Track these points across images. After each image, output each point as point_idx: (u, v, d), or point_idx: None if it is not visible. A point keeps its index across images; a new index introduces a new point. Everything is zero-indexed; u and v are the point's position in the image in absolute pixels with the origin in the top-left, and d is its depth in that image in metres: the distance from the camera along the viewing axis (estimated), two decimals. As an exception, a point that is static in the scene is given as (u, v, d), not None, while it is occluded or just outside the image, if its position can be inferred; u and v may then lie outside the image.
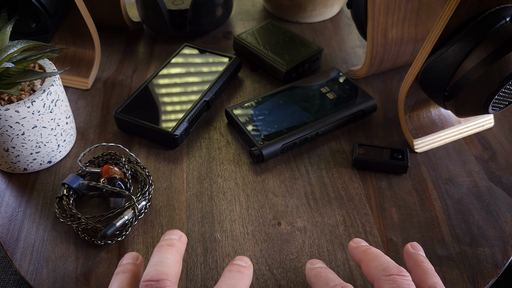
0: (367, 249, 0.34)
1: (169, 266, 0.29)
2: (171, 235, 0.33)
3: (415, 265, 0.33)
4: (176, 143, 0.49)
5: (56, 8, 0.51)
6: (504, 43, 0.39)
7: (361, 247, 0.34)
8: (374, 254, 0.33)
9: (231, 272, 0.31)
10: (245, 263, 0.32)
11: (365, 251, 0.34)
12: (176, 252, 0.31)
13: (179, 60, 0.57)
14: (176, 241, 0.32)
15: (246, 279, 0.31)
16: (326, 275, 0.32)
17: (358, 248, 0.35)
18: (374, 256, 0.33)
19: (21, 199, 0.45)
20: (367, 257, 0.33)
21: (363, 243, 0.35)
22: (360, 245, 0.35)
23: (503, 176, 0.47)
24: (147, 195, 0.44)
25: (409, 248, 0.35)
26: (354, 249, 0.35)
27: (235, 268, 0.31)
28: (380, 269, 0.31)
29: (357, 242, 0.36)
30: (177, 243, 0.32)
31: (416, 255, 0.34)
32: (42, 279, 0.38)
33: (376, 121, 0.53)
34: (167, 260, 0.30)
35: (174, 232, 0.33)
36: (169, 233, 0.33)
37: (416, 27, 0.53)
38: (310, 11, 0.68)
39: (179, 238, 0.33)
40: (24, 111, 0.41)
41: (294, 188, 0.46)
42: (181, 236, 0.33)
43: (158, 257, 0.30)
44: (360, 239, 0.36)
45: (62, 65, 0.58)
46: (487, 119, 0.52)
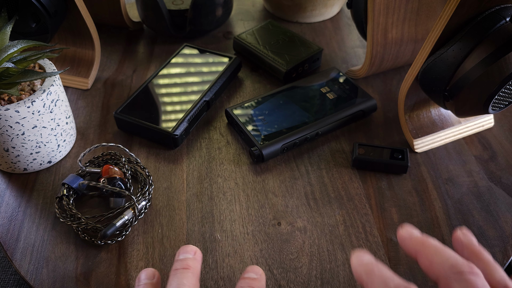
0: (425, 240, 0.29)
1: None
2: (185, 253, 0.32)
3: (473, 256, 0.29)
4: (176, 143, 0.49)
5: (56, 8, 0.51)
6: (504, 43, 0.39)
7: (417, 238, 0.30)
8: (435, 247, 0.28)
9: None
10: (256, 274, 0.31)
11: (423, 243, 0.29)
12: (193, 275, 0.30)
13: (179, 60, 0.57)
14: (191, 261, 0.31)
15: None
16: (381, 272, 0.28)
17: (412, 238, 0.30)
18: (436, 249, 0.28)
19: (21, 199, 0.45)
20: (428, 250, 0.28)
21: (415, 233, 0.30)
22: (414, 234, 0.30)
23: (503, 176, 0.47)
24: (147, 195, 0.44)
25: (461, 237, 0.30)
26: (407, 240, 0.30)
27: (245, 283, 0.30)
28: (447, 265, 0.27)
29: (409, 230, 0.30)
30: (192, 264, 0.31)
31: (472, 245, 0.30)
32: (42, 279, 0.38)
33: (376, 121, 0.53)
34: (183, 287, 0.29)
35: (188, 249, 0.32)
36: (183, 251, 0.32)
37: (416, 27, 0.53)
38: (310, 11, 0.68)
39: (193, 255, 0.32)
40: (24, 111, 0.41)
41: (294, 188, 0.46)
42: (196, 252, 0.32)
43: (175, 284, 0.29)
44: (409, 226, 0.31)
45: (62, 65, 0.58)
46: (487, 119, 0.52)
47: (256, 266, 0.32)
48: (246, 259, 0.40)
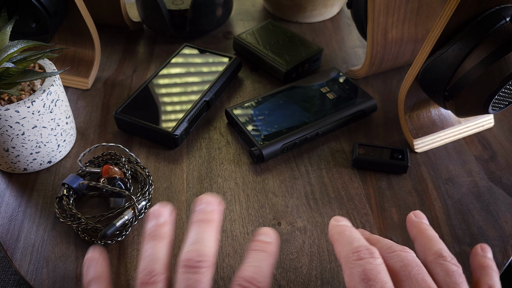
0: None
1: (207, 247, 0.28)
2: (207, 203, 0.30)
3: (419, 233, 0.32)
4: (176, 143, 0.49)
5: (56, 8, 0.51)
6: (504, 43, 0.39)
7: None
8: (347, 235, 0.30)
9: (255, 252, 0.29)
10: (269, 237, 0.30)
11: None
12: (213, 229, 0.29)
13: (179, 60, 0.57)
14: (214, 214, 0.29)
15: (271, 258, 0.29)
16: (351, 233, 0.30)
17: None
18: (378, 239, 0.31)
19: (21, 199, 0.45)
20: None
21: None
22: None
23: (503, 176, 0.47)
24: (147, 195, 0.44)
25: (412, 217, 0.33)
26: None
27: (258, 246, 0.29)
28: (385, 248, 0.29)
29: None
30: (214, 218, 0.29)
31: (419, 223, 0.33)
32: (42, 279, 0.38)
33: (376, 121, 0.53)
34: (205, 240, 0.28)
35: (210, 201, 0.30)
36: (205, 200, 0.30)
37: (416, 27, 0.53)
38: (310, 11, 0.68)
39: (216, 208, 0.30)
40: (24, 111, 0.41)
41: (294, 188, 0.46)
42: (219, 204, 0.30)
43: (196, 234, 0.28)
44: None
45: (62, 65, 0.58)
46: (487, 119, 0.52)
47: (268, 228, 0.30)
48: (246, 259, 0.40)
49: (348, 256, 0.28)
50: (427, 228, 0.32)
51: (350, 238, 0.29)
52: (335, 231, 0.31)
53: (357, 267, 0.27)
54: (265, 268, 0.28)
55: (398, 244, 0.30)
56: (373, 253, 0.28)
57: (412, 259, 0.28)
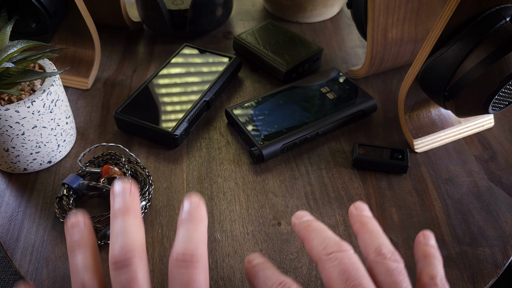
0: (308, 225, 0.30)
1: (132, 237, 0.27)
2: (123, 195, 0.28)
3: (360, 228, 0.30)
4: (176, 143, 0.49)
5: (56, 8, 0.51)
6: (504, 43, 0.39)
7: (303, 223, 0.31)
8: (316, 230, 0.30)
9: (183, 225, 0.28)
10: (194, 204, 0.29)
11: (306, 228, 0.30)
12: (134, 218, 0.28)
13: (179, 60, 0.57)
14: (130, 202, 0.28)
15: (200, 225, 0.28)
16: (263, 272, 0.29)
17: (300, 224, 0.31)
18: (316, 233, 0.29)
19: (21, 199, 0.45)
20: (309, 234, 0.30)
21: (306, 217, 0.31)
22: (302, 220, 0.31)
23: (503, 176, 0.47)
24: (147, 195, 0.44)
25: (353, 211, 0.32)
26: (296, 226, 0.31)
27: (185, 217, 0.29)
28: (321, 248, 0.28)
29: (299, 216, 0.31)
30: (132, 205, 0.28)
31: (360, 216, 0.31)
32: (42, 279, 0.38)
33: (376, 121, 0.53)
34: (128, 232, 0.27)
35: (125, 189, 0.28)
36: (119, 188, 0.28)
37: (416, 27, 0.53)
38: (310, 11, 0.68)
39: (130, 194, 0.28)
40: (24, 111, 0.41)
41: (294, 188, 0.46)
42: (131, 189, 0.29)
43: (118, 228, 0.27)
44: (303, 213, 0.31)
45: (62, 65, 0.58)
46: (487, 119, 0.52)
47: (194, 196, 0.29)
48: (246, 259, 0.40)
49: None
50: (367, 222, 0.30)
51: (264, 277, 0.29)
52: (250, 275, 0.30)
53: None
54: (195, 237, 0.27)
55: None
56: (285, 284, 0.28)
57: (349, 261, 0.27)
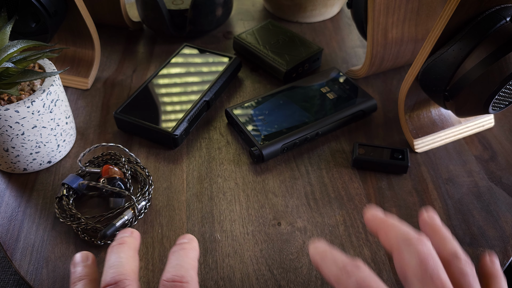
0: (385, 219, 0.32)
1: (124, 265, 0.29)
2: (122, 233, 0.32)
3: (433, 232, 0.32)
4: (176, 143, 0.49)
5: (56, 8, 0.51)
6: (504, 43, 0.39)
7: (379, 217, 0.33)
8: (393, 223, 0.32)
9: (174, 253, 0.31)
10: (187, 240, 0.32)
11: (383, 221, 0.32)
12: (129, 248, 0.31)
13: (179, 60, 0.57)
14: (127, 237, 0.32)
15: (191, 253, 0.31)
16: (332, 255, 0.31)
17: (375, 218, 0.33)
18: (393, 225, 0.31)
19: (21, 199, 0.45)
20: (386, 226, 0.32)
21: (379, 213, 0.33)
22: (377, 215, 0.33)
23: (503, 176, 0.47)
24: (147, 195, 0.44)
25: (425, 216, 0.34)
26: (371, 220, 0.33)
27: (176, 248, 0.31)
28: (400, 237, 0.30)
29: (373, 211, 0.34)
30: (127, 239, 0.31)
31: (432, 222, 0.33)
32: (42, 279, 0.38)
33: (376, 121, 0.53)
34: (121, 260, 0.29)
35: (125, 231, 0.32)
36: (120, 233, 0.32)
37: (416, 27, 0.53)
38: (310, 11, 0.68)
39: (130, 234, 0.32)
40: (24, 111, 0.41)
41: (294, 188, 0.46)
42: (132, 232, 0.32)
43: (112, 258, 0.30)
44: (375, 208, 0.34)
45: (62, 65, 0.58)
46: (487, 119, 0.52)
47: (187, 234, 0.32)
48: (246, 259, 0.40)
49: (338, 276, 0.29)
50: (441, 228, 0.33)
51: (334, 259, 0.31)
52: (318, 258, 0.32)
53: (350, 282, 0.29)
54: (185, 262, 0.30)
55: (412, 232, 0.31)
56: (359, 266, 0.29)
57: (429, 252, 0.29)
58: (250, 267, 0.39)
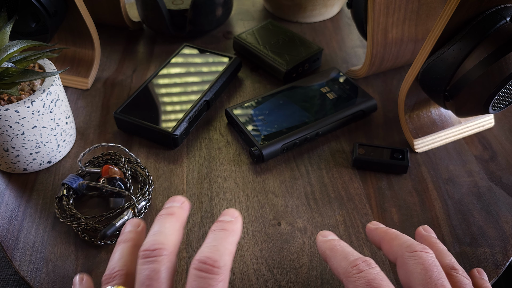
0: (388, 229, 0.33)
1: (166, 235, 0.28)
2: (172, 202, 0.31)
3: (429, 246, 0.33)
4: (176, 143, 0.49)
5: (56, 8, 0.51)
6: (504, 43, 0.39)
7: (381, 228, 0.34)
8: (396, 233, 0.33)
9: (214, 232, 0.29)
10: (230, 217, 0.30)
11: (386, 232, 0.33)
12: (176, 221, 0.30)
13: (179, 60, 0.57)
14: (177, 208, 0.31)
15: (230, 236, 0.29)
16: (342, 248, 0.31)
17: (377, 229, 0.34)
18: (396, 235, 0.32)
19: (21, 199, 0.45)
20: (389, 236, 0.32)
21: (381, 225, 0.35)
22: (379, 226, 0.34)
23: (503, 176, 0.47)
24: (147, 195, 0.44)
25: (422, 231, 0.36)
26: (373, 231, 0.34)
27: (218, 226, 0.29)
28: (404, 246, 0.31)
29: (375, 224, 0.35)
30: (177, 211, 0.31)
31: (429, 237, 0.35)
32: (42, 279, 0.38)
33: (376, 121, 0.53)
34: (165, 230, 0.29)
35: (176, 199, 0.31)
36: (171, 200, 0.31)
37: (416, 27, 0.53)
38: (310, 11, 0.68)
39: (180, 204, 0.31)
40: (24, 111, 0.41)
41: (294, 188, 0.46)
42: (183, 202, 0.31)
43: (157, 227, 0.29)
44: (377, 222, 0.36)
45: (62, 65, 0.58)
46: (487, 119, 0.52)
47: (231, 209, 0.31)
48: (246, 259, 0.40)
49: (348, 271, 0.29)
50: (436, 242, 0.34)
51: (344, 252, 0.30)
52: (325, 247, 0.32)
53: (360, 279, 0.28)
54: (222, 246, 0.28)
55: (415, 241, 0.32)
56: (370, 264, 0.29)
57: (433, 261, 0.29)
58: (250, 267, 0.40)
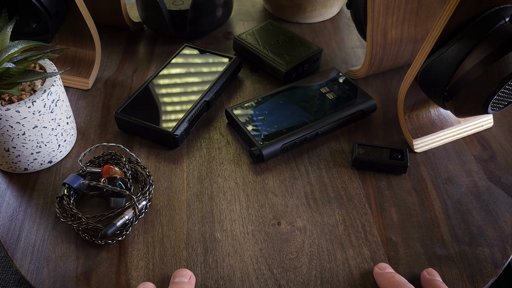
0: (392, 277, 0.35)
1: None
2: (180, 276, 0.35)
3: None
4: (177, 143, 0.49)
5: (57, 9, 0.51)
6: (503, 43, 0.39)
7: (386, 275, 0.36)
8: (398, 283, 0.35)
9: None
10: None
11: (389, 281, 0.35)
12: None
13: (179, 60, 0.57)
14: (186, 285, 0.34)
15: None
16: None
17: (383, 275, 0.36)
18: (398, 285, 0.35)
19: (22, 199, 0.45)
20: (392, 286, 0.35)
21: (388, 269, 0.37)
22: (386, 271, 0.37)
23: (503, 176, 0.47)
24: (148, 195, 0.44)
25: (426, 275, 0.38)
26: (379, 276, 0.37)
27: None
28: None
29: (382, 268, 0.37)
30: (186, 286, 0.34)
31: (433, 281, 0.36)
32: (43, 278, 0.39)
33: (376, 121, 0.53)
34: None
35: (183, 273, 0.35)
36: (179, 274, 0.35)
37: (416, 27, 0.54)
38: (310, 11, 0.68)
39: (188, 280, 0.35)
40: (24, 111, 0.41)
41: (294, 188, 0.46)
42: (190, 277, 0.35)
43: None
44: (385, 265, 0.38)
45: (62, 65, 0.58)
46: (486, 119, 0.52)
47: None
48: (246, 259, 0.40)
49: None
50: (441, 286, 0.36)
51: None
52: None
53: None
54: None
55: None
56: None
57: None
58: (250, 266, 0.40)
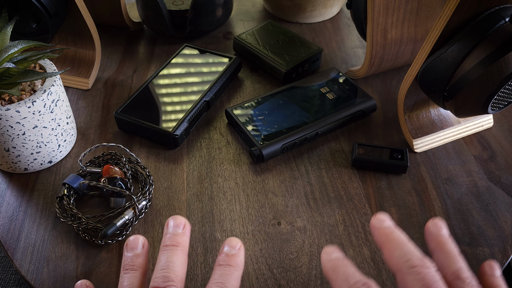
0: (391, 233, 0.31)
1: (174, 270, 0.30)
2: (175, 226, 0.33)
3: (437, 247, 0.31)
4: (177, 143, 0.49)
5: (57, 9, 0.51)
6: (504, 43, 0.39)
7: (384, 230, 0.31)
8: (397, 242, 0.30)
9: (220, 268, 0.31)
10: (234, 248, 0.32)
11: (387, 237, 0.31)
12: (182, 253, 0.31)
13: (179, 60, 0.57)
14: (180, 237, 0.32)
15: (235, 272, 0.31)
16: (344, 269, 0.30)
17: (380, 230, 0.32)
18: (397, 244, 0.30)
19: (22, 199, 0.45)
20: (390, 244, 0.31)
21: (386, 223, 0.32)
22: (384, 226, 0.32)
23: (503, 176, 0.47)
24: (148, 195, 0.44)
25: (430, 228, 0.32)
26: (376, 230, 0.32)
27: (223, 261, 0.31)
28: (403, 260, 0.29)
29: (380, 220, 0.32)
30: (181, 241, 0.32)
31: (438, 236, 0.32)
32: (43, 278, 0.39)
33: (376, 121, 0.53)
34: (173, 265, 0.30)
35: (177, 221, 0.33)
36: (174, 224, 0.33)
37: (416, 27, 0.54)
38: (310, 11, 0.68)
39: (183, 230, 0.32)
40: (24, 111, 0.41)
41: (294, 188, 0.46)
42: (185, 225, 0.33)
43: (164, 260, 0.31)
44: (384, 216, 0.32)
45: (62, 66, 0.58)
46: (486, 119, 0.52)
47: (233, 238, 0.32)
48: (246, 259, 0.40)
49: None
50: (446, 242, 0.31)
51: (346, 274, 0.30)
52: (328, 267, 0.31)
53: None
54: (229, 283, 0.30)
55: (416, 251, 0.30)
56: (370, 286, 0.29)
57: (433, 277, 0.28)
58: (250, 266, 0.40)
